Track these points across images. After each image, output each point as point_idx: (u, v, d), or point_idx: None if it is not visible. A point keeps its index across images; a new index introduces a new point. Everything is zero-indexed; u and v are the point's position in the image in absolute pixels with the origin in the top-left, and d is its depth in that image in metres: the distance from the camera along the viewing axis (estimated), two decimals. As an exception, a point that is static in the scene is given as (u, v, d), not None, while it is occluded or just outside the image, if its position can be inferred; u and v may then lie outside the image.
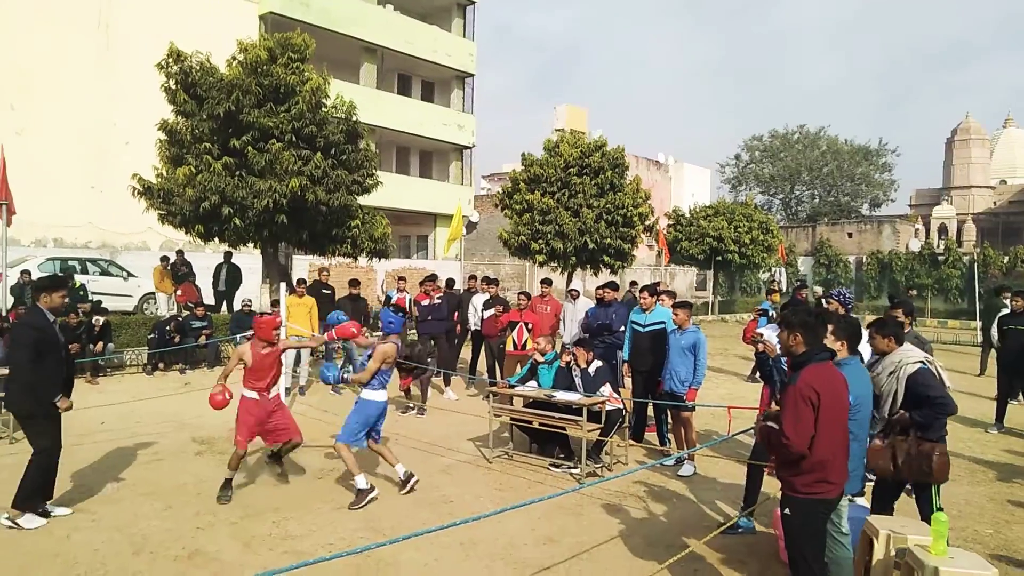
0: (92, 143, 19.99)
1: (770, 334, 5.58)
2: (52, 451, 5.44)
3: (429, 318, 10.89)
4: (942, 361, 5.38)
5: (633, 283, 16.06)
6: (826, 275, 38.12)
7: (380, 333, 6.61)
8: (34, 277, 13.81)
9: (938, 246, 36.56)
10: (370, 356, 6.10)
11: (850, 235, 40.81)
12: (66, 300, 5.65)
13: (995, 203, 46.46)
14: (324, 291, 12.52)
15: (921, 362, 4.77)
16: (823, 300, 6.65)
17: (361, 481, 5.89)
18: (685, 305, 7.43)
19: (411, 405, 9.72)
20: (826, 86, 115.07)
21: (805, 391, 3.59)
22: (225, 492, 6.07)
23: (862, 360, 4.75)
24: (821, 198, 54.91)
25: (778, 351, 5.25)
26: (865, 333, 5.04)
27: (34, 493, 5.32)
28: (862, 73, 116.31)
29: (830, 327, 4.15)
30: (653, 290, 8.10)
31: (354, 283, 12.31)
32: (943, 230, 39.21)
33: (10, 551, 4.92)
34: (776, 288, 9.28)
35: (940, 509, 4.03)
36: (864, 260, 38.15)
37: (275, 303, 12.99)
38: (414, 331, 11.65)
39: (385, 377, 6.17)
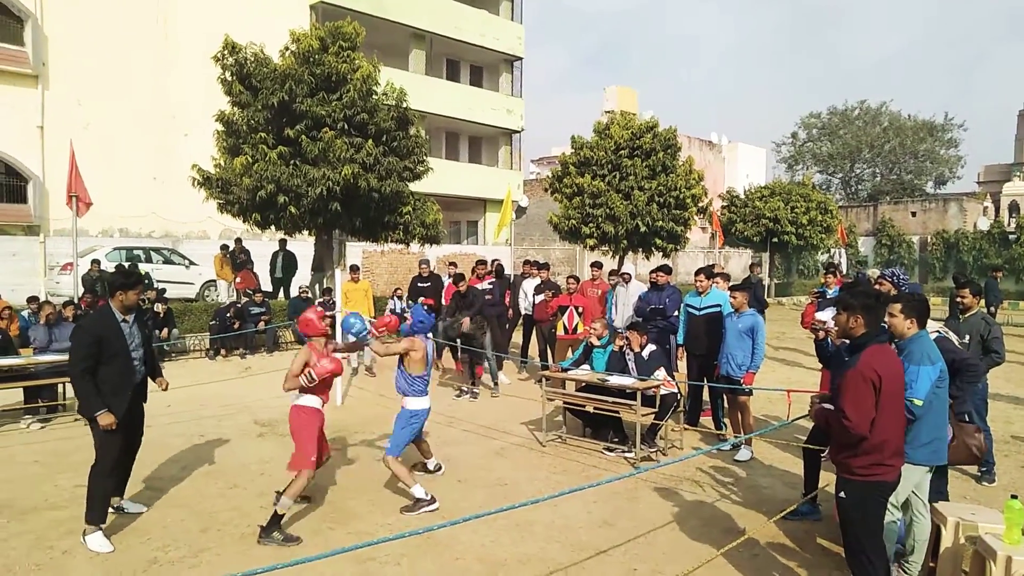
0: (153, 136, 20.65)
1: (828, 318, 5.43)
2: (102, 468, 4.95)
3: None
4: (1012, 345, 5.27)
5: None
6: (888, 256, 36.91)
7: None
8: (103, 267, 14.39)
9: (1009, 224, 34.96)
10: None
11: (914, 214, 39.31)
12: (141, 296, 5.38)
13: (1071, 178, 44.08)
14: (420, 284, 11.83)
15: (938, 331, 4.81)
16: (877, 281, 6.43)
17: (419, 491, 5.58)
18: (743, 288, 7.29)
19: (464, 389, 9.81)
20: (888, 59, 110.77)
21: (867, 373, 3.54)
22: (273, 533, 4.94)
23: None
24: (883, 176, 53.03)
25: None
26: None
27: (93, 508, 4.88)
28: (927, 44, 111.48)
29: (899, 305, 4.06)
30: (709, 272, 7.97)
31: (459, 278, 10.52)
32: (1014, 207, 37.36)
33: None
34: (836, 270, 8.97)
35: (1015, 497, 3.88)
36: (929, 240, 36.80)
37: (327, 291, 13.28)
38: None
39: (424, 381, 5.83)
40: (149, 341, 5.49)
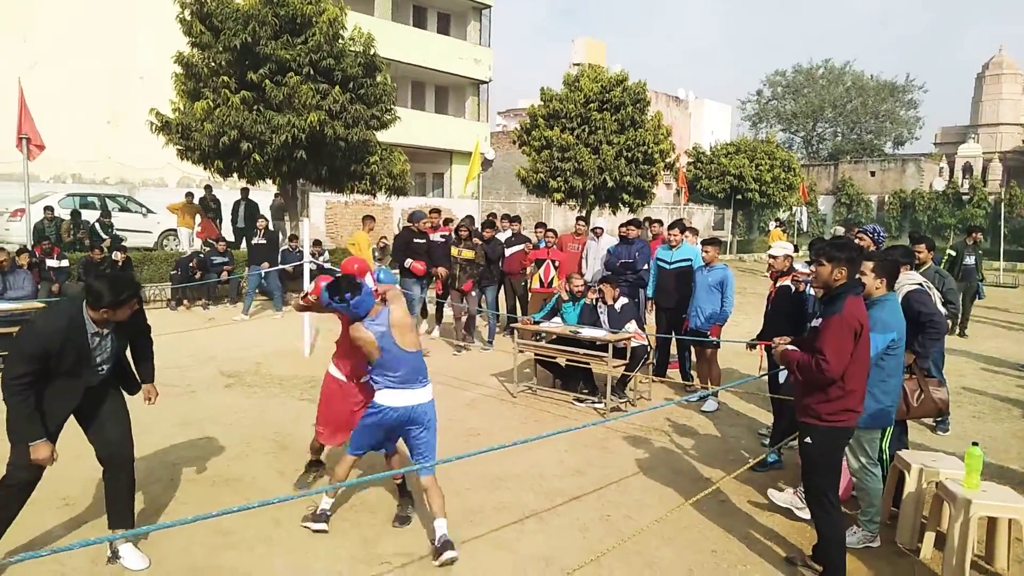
0: (106, 77, 19.75)
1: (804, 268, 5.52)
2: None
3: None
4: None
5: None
6: (847, 214, 37.61)
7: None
8: (56, 213, 13.88)
9: (963, 185, 35.82)
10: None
11: (873, 174, 40.01)
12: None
13: (1024, 141, 45.17)
14: (417, 240, 9.68)
15: (919, 284, 4.90)
16: (857, 236, 6.56)
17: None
18: (714, 242, 7.37)
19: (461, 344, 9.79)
20: (855, 17, 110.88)
21: (851, 320, 3.62)
22: (308, 476, 5.09)
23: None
24: (844, 136, 53.69)
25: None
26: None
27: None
28: (891, 4, 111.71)
29: (870, 264, 4.11)
30: (683, 226, 8.00)
31: (489, 224, 9.99)
32: (968, 169, 38.22)
33: (53, 483, 5.06)
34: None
35: (975, 444, 4.03)
36: (886, 199, 37.55)
37: (292, 237, 13.05)
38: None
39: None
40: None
